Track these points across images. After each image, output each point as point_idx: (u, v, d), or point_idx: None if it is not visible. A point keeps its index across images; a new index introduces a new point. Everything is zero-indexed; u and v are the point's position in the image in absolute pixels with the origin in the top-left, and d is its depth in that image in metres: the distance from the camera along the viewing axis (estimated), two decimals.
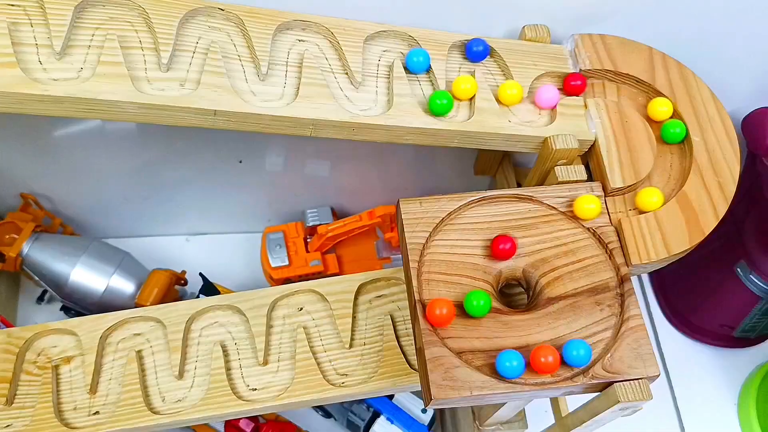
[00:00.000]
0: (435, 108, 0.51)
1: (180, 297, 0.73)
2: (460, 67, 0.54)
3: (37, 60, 0.45)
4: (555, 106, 0.53)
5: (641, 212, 0.51)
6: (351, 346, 0.54)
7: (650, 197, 0.51)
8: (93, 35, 0.47)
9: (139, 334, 0.55)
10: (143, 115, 0.46)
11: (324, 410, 0.70)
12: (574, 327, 0.46)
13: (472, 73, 0.54)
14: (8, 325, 0.64)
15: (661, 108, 0.54)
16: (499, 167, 0.67)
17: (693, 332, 0.75)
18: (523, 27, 0.56)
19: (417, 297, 0.47)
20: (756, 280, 0.65)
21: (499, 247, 0.48)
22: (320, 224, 0.74)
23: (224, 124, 0.48)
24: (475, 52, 0.54)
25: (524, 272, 0.49)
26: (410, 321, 0.53)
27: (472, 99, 0.53)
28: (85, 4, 0.48)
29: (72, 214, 0.74)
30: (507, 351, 0.44)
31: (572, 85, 0.54)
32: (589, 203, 0.50)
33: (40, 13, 0.47)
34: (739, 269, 0.66)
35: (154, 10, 0.48)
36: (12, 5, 0.46)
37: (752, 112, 0.60)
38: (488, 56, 0.55)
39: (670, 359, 0.75)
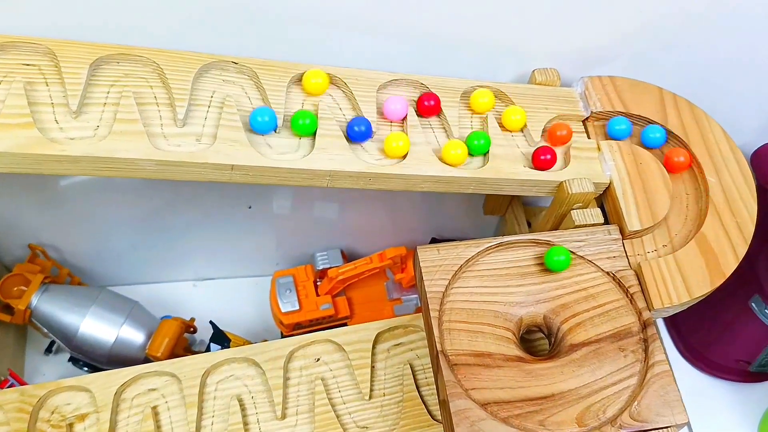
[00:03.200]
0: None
1: (189, 344, 0.72)
2: (472, 115, 0.54)
3: (54, 119, 0.45)
4: (404, 117, 0.51)
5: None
6: (371, 397, 0.53)
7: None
8: (108, 92, 0.47)
9: (154, 390, 0.54)
10: (160, 171, 0.46)
11: None
12: (599, 374, 0.46)
13: (484, 119, 0.54)
14: (19, 381, 0.63)
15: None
16: (509, 207, 0.67)
17: (708, 368, 0.74)
18: (533, 71, 0.56)
19: (439, 347, 0.46)
20: None
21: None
22: (330, 267, 0.73)
23: (241, 178, 0.47)
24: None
25: (545, 318, 0.49)
26: (431, 370, 0.53)
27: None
28: (100, 61, 0.47)
29: (79, 262, 0.74)
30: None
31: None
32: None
33: (55, 71, 0.46)
34: (753, 303, 0.65)
35: (168, 65, 0.48)
36: (27, 65, 0.46)
37: (761, 146, 0.60)
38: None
39: (686, 395, 0.73)
